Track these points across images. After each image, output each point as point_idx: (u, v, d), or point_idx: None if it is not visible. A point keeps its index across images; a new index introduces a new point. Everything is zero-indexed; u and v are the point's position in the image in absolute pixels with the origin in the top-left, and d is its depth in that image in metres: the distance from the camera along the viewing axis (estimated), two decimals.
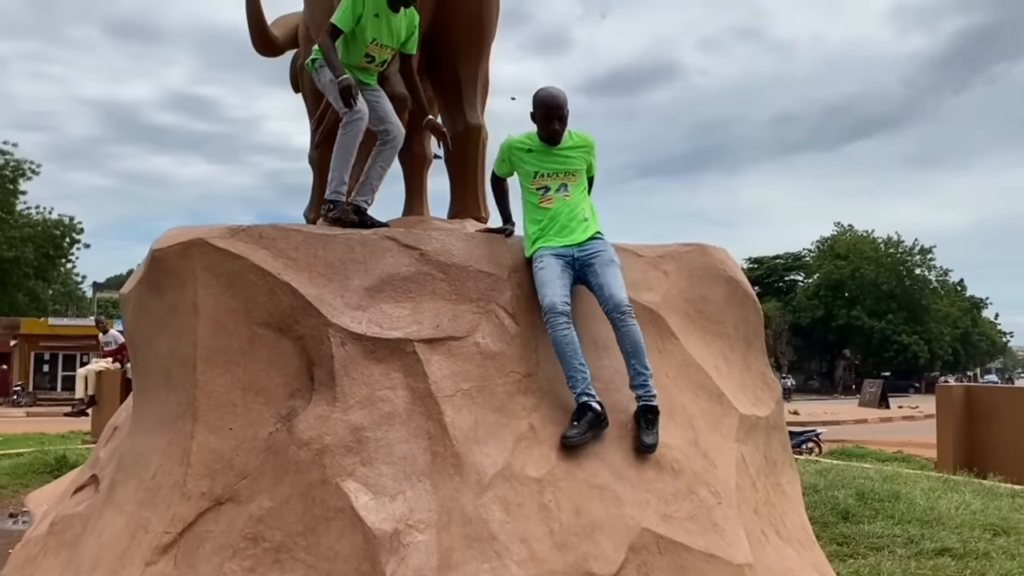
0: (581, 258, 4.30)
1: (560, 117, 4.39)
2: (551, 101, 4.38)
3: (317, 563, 3.48)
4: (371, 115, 4.73)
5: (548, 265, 4.26)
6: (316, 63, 4.78)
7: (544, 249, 4.32)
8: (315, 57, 4.79)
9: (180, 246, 4.07)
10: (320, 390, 3.89)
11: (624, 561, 3.63)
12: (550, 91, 4.41)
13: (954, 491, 8.53)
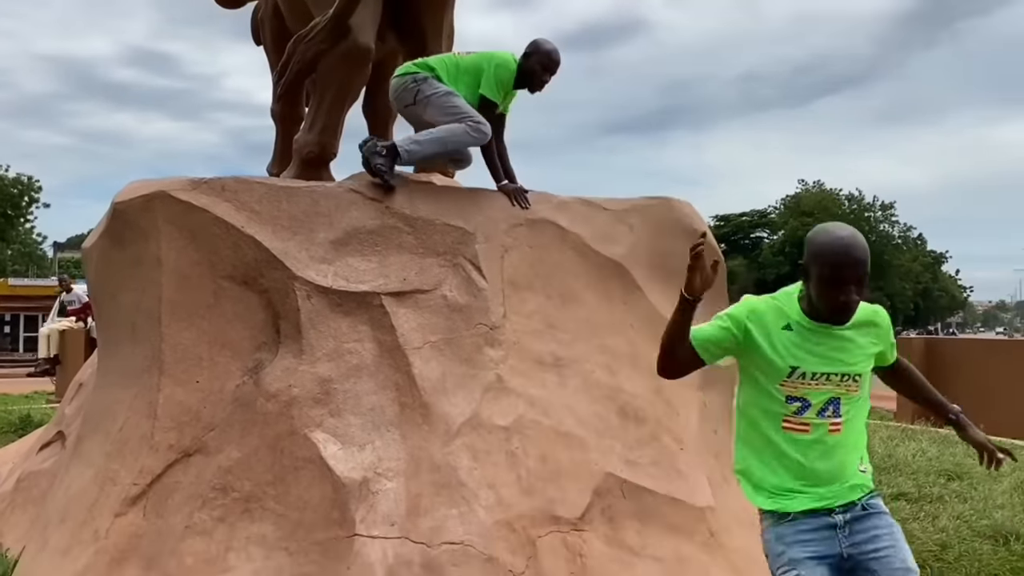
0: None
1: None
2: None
3: (287, 512, 3.52)
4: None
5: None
6: (417, 80, 4.52)
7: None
8: (416, 73, 4.54)
9: (142, 199, 4.02)
10: (286, 343, 3.90)
11: (589, 505, 3.72)
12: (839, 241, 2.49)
13: (911, 439, 8.78)
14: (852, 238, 2.51)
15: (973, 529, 5.44)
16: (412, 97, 4.48)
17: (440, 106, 4.41)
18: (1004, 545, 5.15)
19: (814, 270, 2.48)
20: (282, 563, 3.38)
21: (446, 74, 4.51)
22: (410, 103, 4.51)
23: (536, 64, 4.58)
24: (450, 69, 4.53)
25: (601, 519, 3.71)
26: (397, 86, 4.55)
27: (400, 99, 4.57)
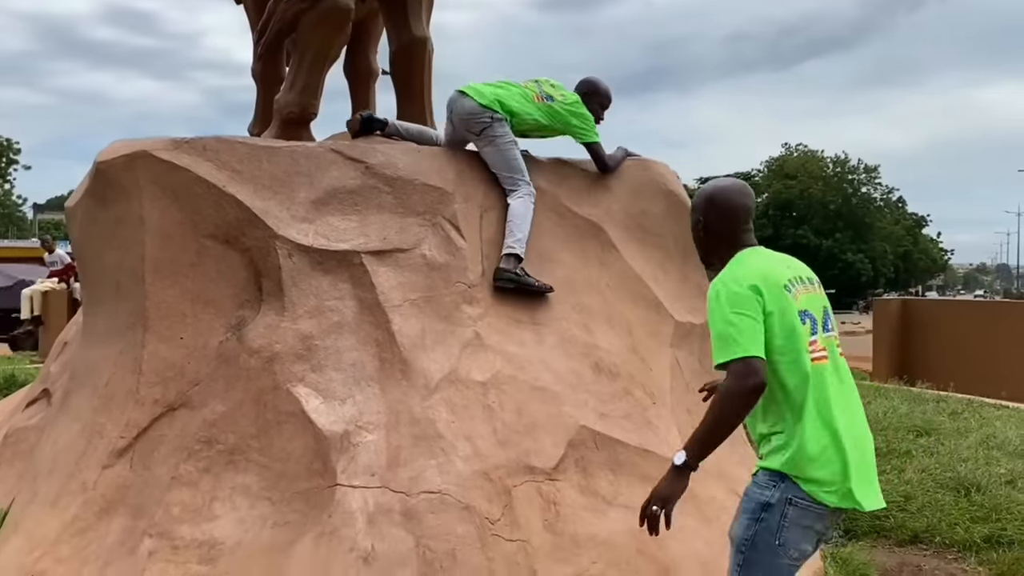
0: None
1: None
2: None
3: (270, 463, 3.63)
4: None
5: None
6: (492, 119, 4.53)
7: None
8: (495, 112, 4.52)
9: (124, 158, 4.07)
10: (269, 300, 3.99)
11: (563, 456, 3.85)
12: None
13: (884, 397, 8.98)
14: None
15: (937, 481, 5.63)
16: (480, 130, 4.53)
17: (504, 156, 4.53)
18: (965, 496, 5.34)
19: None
20: (266, 512, 3.50)
21: (520, 122, 4.62)
22: (475, 133, 4.56)
23: (597, 105, 4.93)
24: (528, 121, 4.64)
25: (575, 469, 3.84)
26: (471, 111, 4.54)
27: (467, 122, 4.57)
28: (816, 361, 2.51)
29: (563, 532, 3.61)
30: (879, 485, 2.62)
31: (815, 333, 2.54)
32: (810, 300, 2.58)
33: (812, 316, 2.56)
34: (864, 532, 5.05)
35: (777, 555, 2.49)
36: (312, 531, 3.37)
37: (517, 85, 4.75)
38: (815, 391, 2.49)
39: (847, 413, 2.55)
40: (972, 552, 4.77)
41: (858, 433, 2.58)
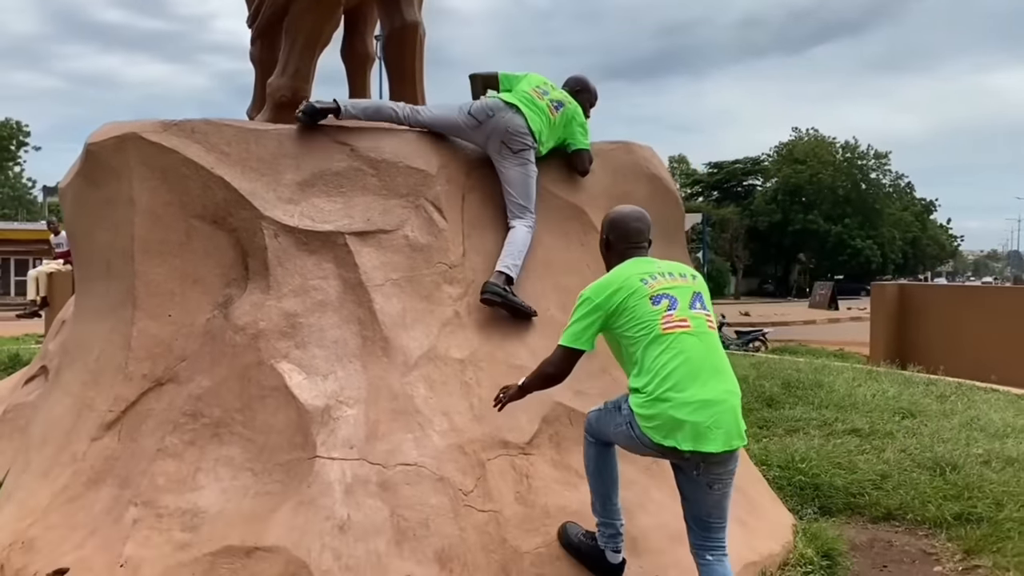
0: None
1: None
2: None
3: (253, 436, 3.76)
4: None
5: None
6: (528, 146, 4.60)
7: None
8: (532, 139, 4.59)
9: (114, 140, 4.19)
10: (255, 279, 4.11)
11: (537, 431, 3.96)
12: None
13: (874, 380, 9.06)
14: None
15: (915, 461, 5.73)
16: (519, 149, 4.56)
17: (527, 183, 4.58)
18: (941, 475, 5.44)
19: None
20: (248, 482, 3.63)
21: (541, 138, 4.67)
22: (512, 149, 4.55)
23: (587, 103, 5.04)
24: (545, 133, 4.68)
25: (548, 444, 3.96)
26: (520, 129, 4.55)
27: (510, 137, 4.55)
28: (671, 329, 3.19)
29: (534, 504, 3.73)
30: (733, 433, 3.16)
31: (672, 309, 3.23)
32: (670, 287, 3.29)
33: (672, 297, 3.26)
34: (839, 509, 5.16)
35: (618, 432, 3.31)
36: (291, 500, 3.50)
37: (539, 106, 4.66)
38: (675, 352, 3.15)
39: (703, 365, 3.16)
40: (943, 529, 4.87)
41: (713, 379, 3.16)
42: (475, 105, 4.61)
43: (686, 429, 3.06)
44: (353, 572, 3.29)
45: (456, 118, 4.62)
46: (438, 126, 4.68)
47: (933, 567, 4.54)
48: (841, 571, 4.29)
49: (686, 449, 3.06)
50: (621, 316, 3.24)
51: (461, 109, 4.61)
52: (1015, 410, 7.56)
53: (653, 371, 3.13)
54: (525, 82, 4.77)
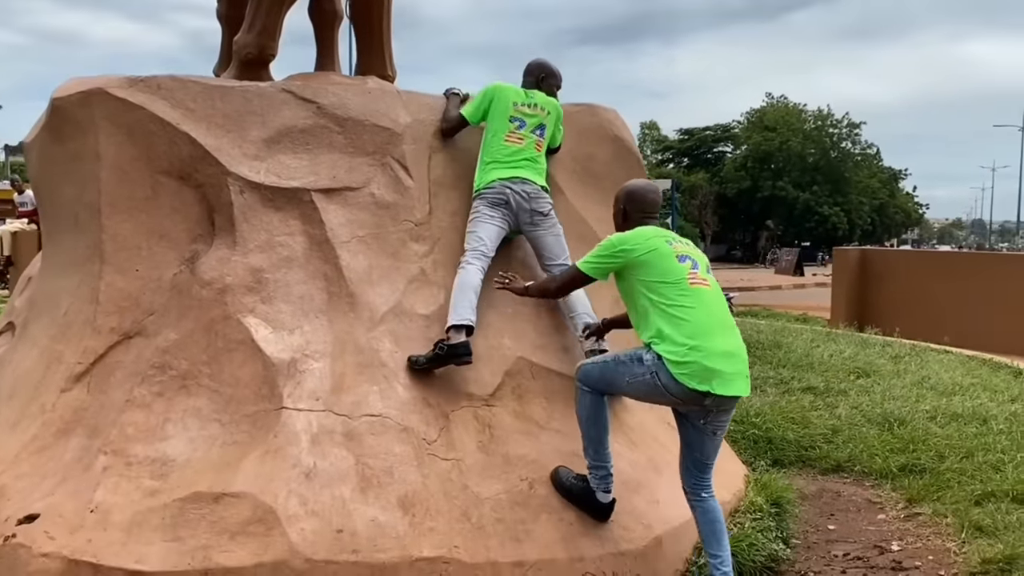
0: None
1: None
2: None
3: (220, 388, 3.84)
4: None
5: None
6: (551, 204, 4.53)
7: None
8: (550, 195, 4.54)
9: (80, 95, 4.19)
10: (221, 235, 4.16)
11: (500, 384, 4.09)
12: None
13: (832, 342, 9.32)
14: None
15: (865, 416, 5.96)
16: (548, 210, 4.48)
17: (562, 239, 4.50)
18: (889, 430, 5.68)
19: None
20: (215, 432, 3.72)
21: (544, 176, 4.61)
22: (543, 213, 4.45)
23: (553, 87, 4.83)
24: (542, 161, 4.62)
25: (511, 396, 4.09)
26: (538, 193, 4.46)
27: (536, 202, 4.44)
28: (696, 284, 3.51)
29: (495, 452, 3.86)
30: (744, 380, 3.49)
31: (696, 268, 3.56)
32: (690, 252, 3.62)
33: (692, 259, 3.59)
34: (790, 462, 5.37)
35: (624, 382, 3.56)
36: (258, 449, 3.59)
37: (528, 155, 4.50)
38: (700, 305, 3.46)
39: (723, 319, 3.51)
40: (888, 480, 5.10)
41: (729, 332, 3.50)
42: (488, 198, 4.36)
43: (718, 376, 3.34)
44: (319, 517, 3.41)
45: (496, 224, 4.36)
46: (495, 241, 4.37)
47: (877, 515, 4.76)
48: (790, 518, 4.49)
49: (719, 393, 3.33)
50: (646, 267, 3.52)
51: (487, 215, 4.35)
52: (964, 370, 7.84)
53: (684, 321, 3.40)
54: (498, 119, 4.51)
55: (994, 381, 7.35)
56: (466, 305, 4.06)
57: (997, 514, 4.38)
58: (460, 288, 4.13)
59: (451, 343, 3.95)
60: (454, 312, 4.05)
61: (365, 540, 3.39)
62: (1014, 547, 3.97)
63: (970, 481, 4.82)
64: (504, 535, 3.60)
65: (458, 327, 3.99)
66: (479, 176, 4.50)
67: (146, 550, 3.27)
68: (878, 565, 4.18)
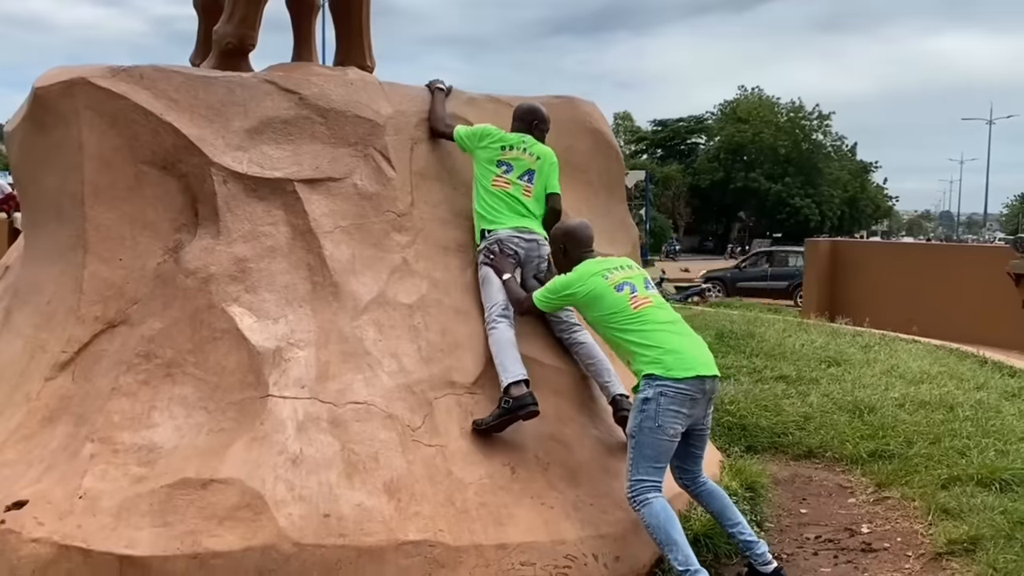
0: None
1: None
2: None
3: (206, 376, 3.88)
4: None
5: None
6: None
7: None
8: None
9: (62, 84, 4.19)
10: (204, 225, 4.18)
11: (482, 372, 4.17)
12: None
13: (804, 331, 9.49)
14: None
15: (836, 404, 6.11)
16: (546, 264, 4.51)
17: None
18: (859, 417, 5.83)
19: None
20: (201, 420, 3.76)
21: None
22: (546, 266, 4.50)
23: (543, 132, 4.77)
24: (537, 208, 4.58)
25: (492, 384, 4.15)
26: (541, 242, 4.47)
27: (540, 252, 4.48)
28: (638, 307, 3.85)
29: (478, 439, 3.94)
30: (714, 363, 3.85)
31: (635, 292, 3.90)
32: (627, 277, 3.96)
33: (631, 284, 3.93)
34: (763, 448, 5.51)
35: (657, 434, 3.63)
36: (245, 436, 3.64)
37: (523, 203, 4.49)
38: (650, 321, 3.82)
39: (675, 324, 3.87)
40: (858, 465, 5.25)
41: (686, 332, 3.88)
42: (510, 262, 4.35)
43: (696, 361, 3.73)
44: (306, 502, 3.47)
45: (514, 279, 4.36)
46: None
47: (848, 499, 4.91)
48: (763, 503, 4.61)
49: (705, 374, 3.70)
50: (592, 305, 3.92)
51: (507, 277, 4.32)
52: (932, 359, 8.03)
53: (648, 343, 3.75)
54: (485, 161, 4.52)
55: (960, 370, 7.54)
56: (513, 361, 4.07)
57: (962, 497, 4.53)
58: (500, 347, 4.12)
59: (514, 395, 3.94)
60: (505, 371, 4.04)
61: (352, 524, 3.45)
62: (978, 528, 4.12)
63: (937, 466, 4.97)
64: (487, 519, 3.68)
65: (516, 383, 3.99)
66: (482, 220, 4.48)
67: (135, 535, 3.32)
68: (848, 547, 4.32)
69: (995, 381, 7.12)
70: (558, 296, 4.01)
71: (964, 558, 3.98)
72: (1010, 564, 3.75)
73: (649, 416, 3.64)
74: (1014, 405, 6.20)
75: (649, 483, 3.65)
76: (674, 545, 3.59)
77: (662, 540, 3.62)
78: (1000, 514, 4.23)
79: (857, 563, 4.14)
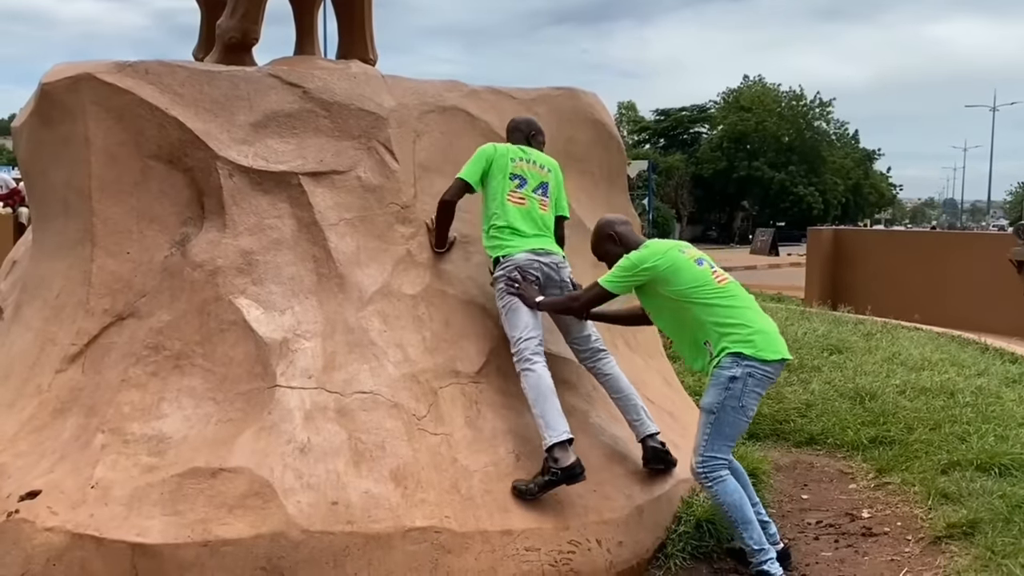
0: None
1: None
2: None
3: (214, 367, 3.94)
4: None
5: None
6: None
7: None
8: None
9: (68, 80, 4.24)
10: (211, 218, 4.24)
11: (486, 362, 4.22)
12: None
13: (806, 320, 9.53)
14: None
15: (838, 391, 6.16)
16: (567, 286, 4.28)
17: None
18: (860, 404, 5.87)
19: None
20: (210, 411, 3.82)
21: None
22: (568, 286, 4.28)
23: (542, 144, 4.62)
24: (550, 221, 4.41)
25: (496, 374, 4.21)
26: (561, 264, 4.29)
27: (560, 270, 4.28)
28: (722, 282, 3.87)
29: (483, 427, 3.99)
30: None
31: (714, 268, 3.93)
32: (700, 255, 3.99)
33: (707, 260, 3.96)
34: (765, 435, 5.55)
35: (739, 414, 3.72)
36: (253, 426, 3.70)
37: (537, 217, 4.28)
38: (737, 297, 3.84)
39: (755, 304, 3.91)
40: (859, 451, 5.30)
41: (765, 314, 3.95)
42: (534, 289, 4.13)
43: (781, 345, 3.84)
44: (314, 490, 3.53)
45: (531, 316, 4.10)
46: (538, 324, 4.14)
47: (848, 484, 4.96)
48: (765, 489, 4.66)
49: (787, 358, 3.84)
50: (673, 278, 3.81)
51: (540, 299, 4.11)
52: (934, 346, 8.07)
53: (737, 320, 3.75)
54: (498, 177, 4.28)
55: (961, 357, 7.58)
56: (556, 414, 3.80)
57: (962, 482, 4.58)
58: (539, 395, 3.86)
59: (562, 465, 3.70)
60: (548, 428, 3.77)
61: (359, 511, 3.52)
62: (977, 512, 4.16)
63: (937, 451, 5.01)
64: (492, 505, 3.74)
65: (561, 444, 3.74)
66: (493, 242, 4.24)
67: (147, 524, 3.38)
68: (849, 532, 4.37)
69: (996, 368, 7.17)
70: (634, 273, 3.86)
71: (963, 541, 4.03)
72: (1008, 547, 3.79)
73: (734, 395, 3.67)
74: (1014, 391, 6.24)
75: (722, 460, 3.73)
76: (749, 524, 3.69)
77: (738, 519, 3.69)
78: (999, 498, 4.27)
79: (858, 547, 4.20)
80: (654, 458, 4.11)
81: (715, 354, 3.75)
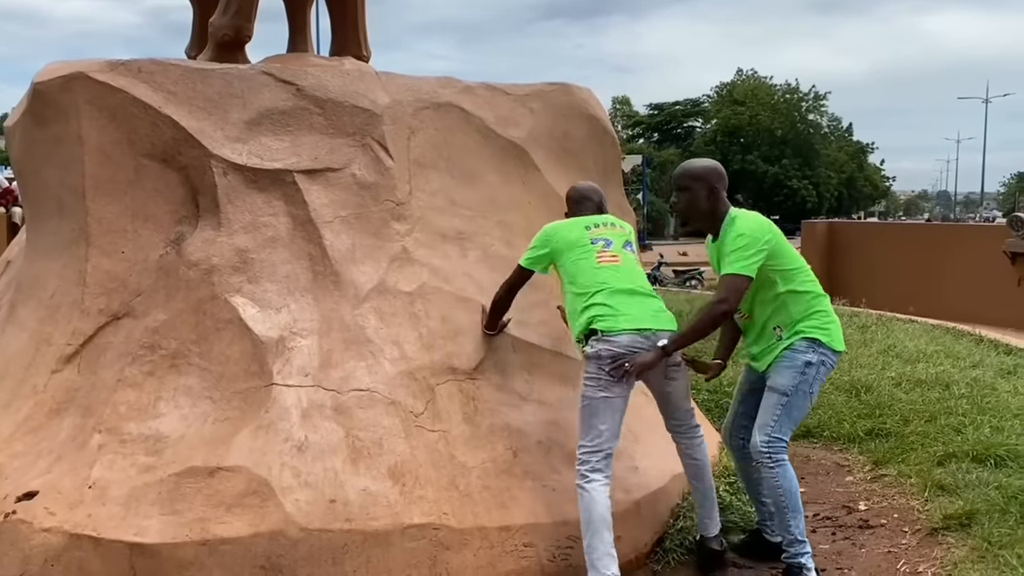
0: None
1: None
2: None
3: (210, 366, 3.93)
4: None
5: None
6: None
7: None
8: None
9: (61, 79, 4.22)
10: (205, 217, 4.22)
11: (483, 358, 4.21)
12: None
13: None
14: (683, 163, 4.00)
15: (834, 384, 6.16)
16: (674, 365, 3.86)
17: (687, 388, 4.08)
18: (856, 396, 5.89)
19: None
20: (207, 409, 3.81)
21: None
22: (671, 367, 3.83)
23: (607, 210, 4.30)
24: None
25: (493, 370, 4.21)
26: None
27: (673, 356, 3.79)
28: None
29: (480, 424, 4.00)
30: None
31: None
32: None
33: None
34: None
35: (808, 400, 3.73)
36: (250, 425, 3.69)
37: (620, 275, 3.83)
38: (815, 283, 3.84)
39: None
40: (856, 444, 5.32)
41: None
42: (633, 381, 3.68)
43: (843, 338, 3.87)
44: (312, 488, 3.53)
45: (621, 404, 3.67)
46: (618, 431, 3.73)
47: (845, 477, 4.98)
48: None
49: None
50: (776, 255, 3.69)
51: (611, 392, 3.61)
52: (928, 338, 8.09)
53: (821, 308, 3.78)
54: (575, 248, 3.90)
55: (956, 348, 7.60)
56: (603, 556, 3.37)
57: (958, 473, 4.60)
58: (592, 523, 3.42)
59: None
60: (592, 567, 3.38)
61: (358, 509, 3.52)
62: (973, 503, 4.18)
63: (933, 443, 5.03)
64: (491, 502, 3.74)
65: None
66: (583, 312, 3.70)
67: (145, 523, 3.38)
68: (846, 524, 4.39)
69: (991, 359, 7.19)
70: (757, 250, 3.56)
71: (959, 533, 4.04)
72: (1004, 537, 3.81)
73: (808, 381, 3.67)
74: (1009, 382, 6.26)
75: (785, 444, 3.71)
76: (799, 514, 3.67)
77: (791, 505, 3.61)
78: (995, 489, 4.29)
79: (855, 539, 4.21)
80: (706, 563, 3.86)
81: (785, 337, 3.69)
